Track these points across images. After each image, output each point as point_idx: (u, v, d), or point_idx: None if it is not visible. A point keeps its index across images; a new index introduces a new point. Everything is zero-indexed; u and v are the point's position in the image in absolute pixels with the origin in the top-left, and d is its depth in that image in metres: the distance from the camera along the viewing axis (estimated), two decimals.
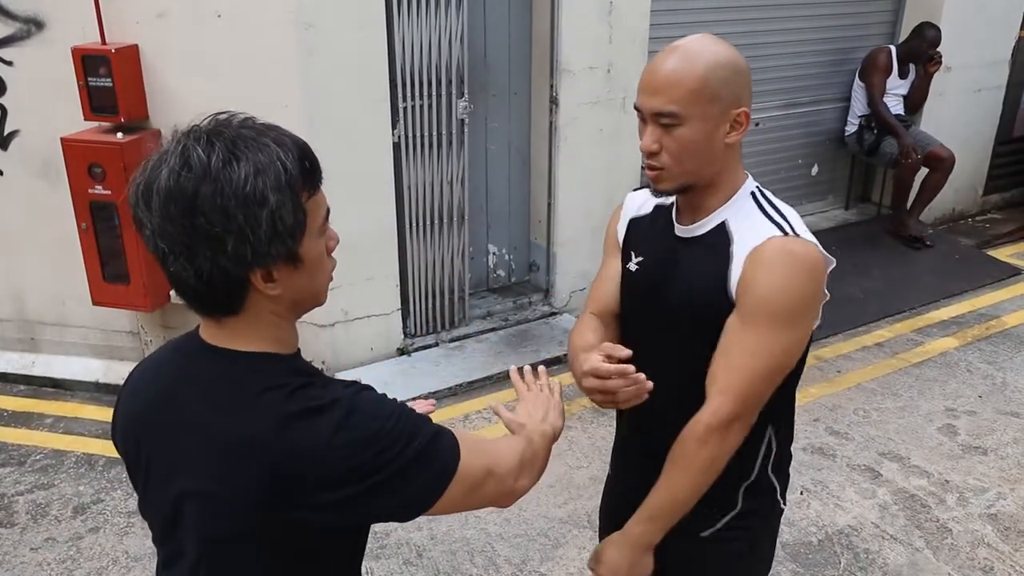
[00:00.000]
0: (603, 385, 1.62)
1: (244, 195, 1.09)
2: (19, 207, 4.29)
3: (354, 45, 3.99)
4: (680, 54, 1.56)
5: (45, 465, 3.85)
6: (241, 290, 1.17)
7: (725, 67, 1.56)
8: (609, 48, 4.78)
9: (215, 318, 1.22)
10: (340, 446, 1.15)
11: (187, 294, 1.18)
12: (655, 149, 1.58)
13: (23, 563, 3.26)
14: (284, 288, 1.19)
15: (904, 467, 3.89)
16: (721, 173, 1.64)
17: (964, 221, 7.02)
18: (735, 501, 1.76)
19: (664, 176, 1.61)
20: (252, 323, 1.21)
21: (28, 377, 4.53)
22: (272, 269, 1.16)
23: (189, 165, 1.10)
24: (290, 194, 1.13)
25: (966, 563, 3.30)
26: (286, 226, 1.13)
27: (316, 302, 1.29)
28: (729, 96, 1.57)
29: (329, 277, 1.29)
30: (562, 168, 4.88)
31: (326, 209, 1.23)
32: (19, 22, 3.99)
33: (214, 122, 1.16)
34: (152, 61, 3.95)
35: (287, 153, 1.14)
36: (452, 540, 3.39)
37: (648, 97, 1.57)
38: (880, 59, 6.01)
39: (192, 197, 1.09)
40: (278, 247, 1.14)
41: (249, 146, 1.12)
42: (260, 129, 1.17)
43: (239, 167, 1.10)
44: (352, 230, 4.14)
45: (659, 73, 1.56)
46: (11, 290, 4.51)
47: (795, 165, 6.48)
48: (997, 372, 4.73)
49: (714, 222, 1.65)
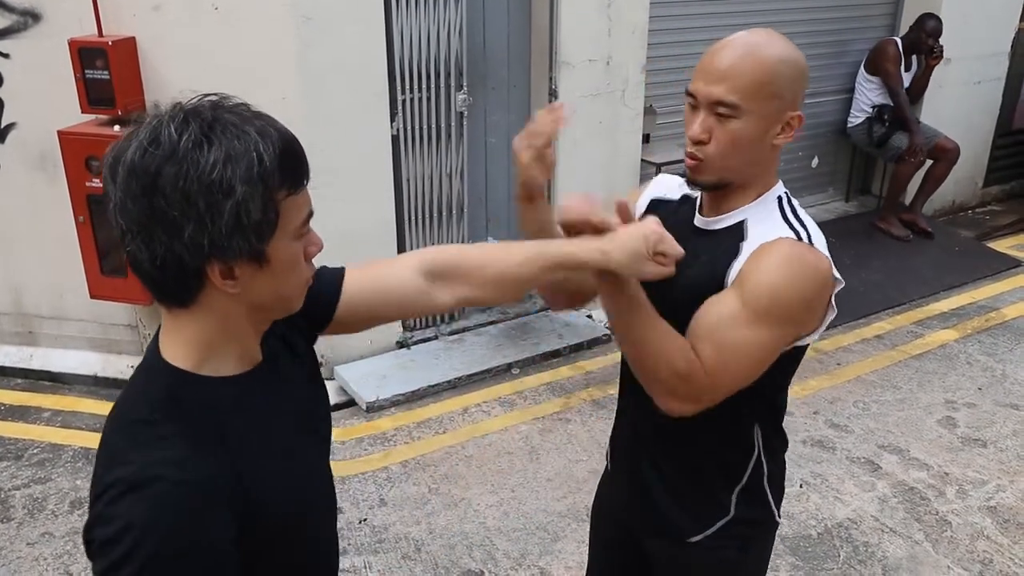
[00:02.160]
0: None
1: (209, 181, 1.02)
2: (16, 200, 4.27)
3: (352, 38, 3.97)
4: (747, 44, 1.50)
5: (42, 459, 3.85)
6: (195, 281, 1.09)
7: (791, 66, 1.51)
8: (608, 41, 4.76)
9: (167, 307, 1.14)
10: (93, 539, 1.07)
11: (142, 276, 1.11)
12: (704, 139, 1.52)
13: (19, 558, 3.26)
14: (245, 288, 1.11)
15: (904, 460, 3.89)
16: (758, 174, 1.59)
17: (964, 213, 7.02)
18: (728, 507, 1.72)
19: (705, 168, 1.55)
20: (198, 321, 1.14)
21: (26, 371, 4.52)
22: (233, 265, 1.08)
23: (158, 141, 1.04)
24: (261, 188, 1.05)
25: (965, 556, 3.30)
26: (251, 221, 1.05)
27: (284, 309, 1.21)
28: (789, 97, 1.52)
29: (305, 283, 1.20)
30: (561, 162, 4.86)
31: (308, 212, 1.16)
32: (16, 14, 3.97)
33: (200, 101, 1.09)
34: (149, 54, 3.93)
35: (267, 145, 1.07)
36: (451, 534, 3.38)
37: (708, 83, 1.50)
38: (890, 50, 5.98)
39: (154, 175, 1.03)
40: (240, 242, 1.06)
41: (227, 131, 1.05)
42: (246, 116, 1.09)
43: (209, 151, 1.03)
44: (351, 223, 4.13)
45: (724, 60, 1.49)
46: (9, 283, 4.49)
47: (795, 157, 6.46)
48: (997, 364, 4.73)
49: (734, 219, 1.60)
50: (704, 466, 1.72)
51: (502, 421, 4.14)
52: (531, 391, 4.41)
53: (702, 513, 1.73)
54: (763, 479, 1.73)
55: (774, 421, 1.74)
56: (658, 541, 1.80)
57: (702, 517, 1.73)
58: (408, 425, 4.08)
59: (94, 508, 1.08)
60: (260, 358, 1.24)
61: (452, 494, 3.62)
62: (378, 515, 3.47)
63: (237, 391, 1.18)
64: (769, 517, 1.77)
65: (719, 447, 1.70)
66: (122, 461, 1.08)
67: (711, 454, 1.71)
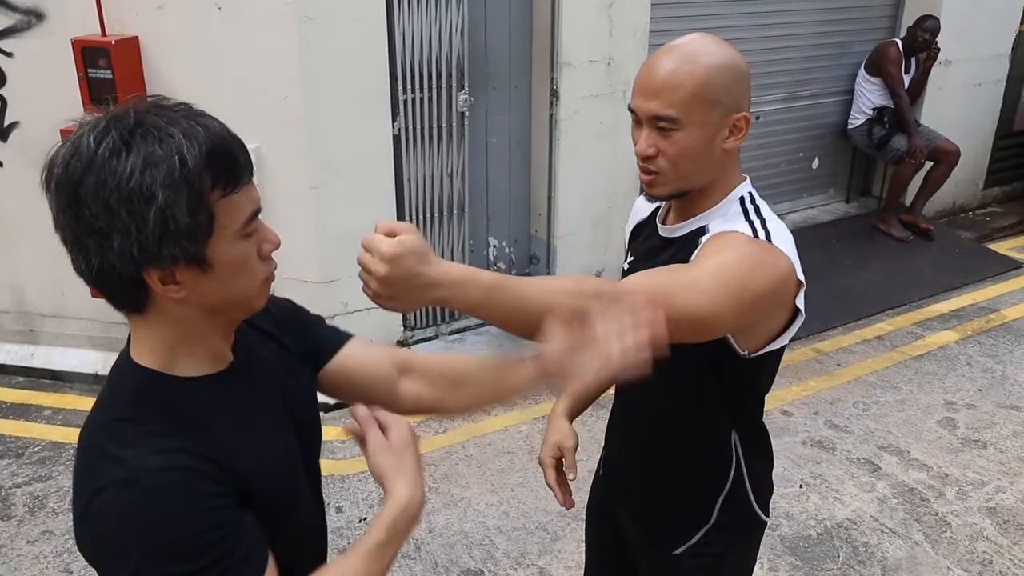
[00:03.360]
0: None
1: (127, 190, 1.00)
2: (19, 198, 4.28)
3: (354, 37, 3.98)
4: (680, 55, 1.48)
5: (43, 457, 3.85)
6: (136, 289, 1.08)
7: (727, 71, 1.49)
8: (610, 42, 4.77)
9: (125, 315, 1.14)
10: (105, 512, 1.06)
11: (88, 284, 1.10)
12: (651, 153, 1.51)
13: (20, 556, 3.26)
14: (191, 292, 1.08)
15: (903, 460, 3.89)
16: (716, 179, 1.57)
17: (964, 215, 7.02)
18: (710, 514, 1.71)
19: (659, 181, 1.54)
20: (156, 326, 1.13)
21: (27, 369, 4.52)
22: (172, 271, 1.06)
23: (78, 152, 1.02)
24: (186, 192, 1.02)
25: (965, 556, 3.30)
26: (181, 226, 1.02)
27: (243, 309, 1.19)
28: (730, 101, 1.50)
29: (264, 281, 1.17)
30: (562, 161, 4.87)
31: (252, 210, 1.12)
32: (19, 13, 3.98)
33: (129, 105, 1.07)
34: (152, 53, 3.94)
35: (192, 146, 1.03)
36: (450, 533, 3.39)
37: (645, 99, 1.49)
38: (892, 52, 5.98)
39: (76, 186, 1.01)
40: (171, 248, 1.03)
41: (148, 136, 1.02)
42: (173, 118, 1.05)
43: (127, 158, 1.00)
44: (351, 222, 4.13)
45: (657, 74, 1.48)
46: (10, 281, 4.50)
47: (796, 159, 6.46)
48: (997, 365, 4.73)
49: (696, 225, 1.59)
50: (685, 478, 1.73)
51: (502, 420, 4.15)
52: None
53: (685, 524, 1.73)
54: (744, 485, 1.72)
55: (751, 425, 1.73)
56: (643, 551, 1.82)
57: (685, 528, 1.73)
58: None
59: (89, 508, 1.07)
60: (231, 358, 1.22)
61: (452, 493, 3.62)
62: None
63: (210, 390, 1.17)
64: (752, 520, 1.77)
65: (698, 459, 1.70)
66: (113, 460, 1.07)
67: (690, 466, 1.71)
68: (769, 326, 1.54)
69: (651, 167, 1.53)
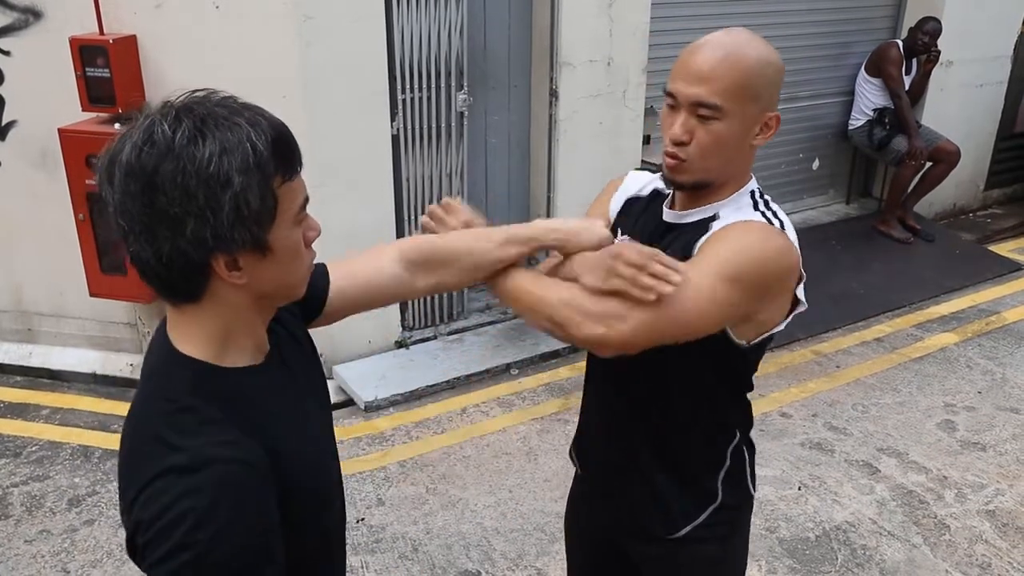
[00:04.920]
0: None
1: (207, 175, 1.03)
2: (17, 198, 4.27)
3: (353, 37, 3.97)
4: (728, 45, 1.49)
5: (41, 457, 3.84)
6: (202, 276, 1.10)
7: (772, 68, 1.51)
8: (609, 41, 4.76)
9: (175, 304, 1.16)
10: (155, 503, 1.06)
11: (148, 276, 1.12)
12: (685, 140, 1.51)
13: (17, 555, 3.25)
14: (251, 278, 1.12)
15: (902, 463, 3.88)
16: (735, 174, 1.59)
17: (965, 216, 7.01)
18: (715, 493, 1.71)
19: (686, 168, 1.53)
20: (208, 314, 1.15)
21: (25, 368, 4.52)
22: (237, 256, 1.09)
23: (152, 140, 1.04)
24: (258, 177, 1.07)
25: (964, 560, 3.29)
26: (251, 211, 1.07)
27: (290, 295, 1.23)
28: (768, 98, 1.52)
29: (308, 269, 1.23)
30: (562, 161, 4.86)
31: (304, 198, 1.18)
32: (17, 12, 3.97)
33: (189, 98, 1.10)
34: (150, 52, 3.93)
35: (259, 134, 1.07)
36: (448, 534, 3.38)
37: (688, 84, 1.49)
38: (893, 53, 5.97)
39: (152, 174, 1.03)
40: (242, 233, 1.07)
41: (219, 124, 1.06)
42: (235, 108, 1.10)
43: (204, 145, 1.04)
44: (350, 222, 4.13)
45: (706, 61, 1.47)
46: (9, 281, 4.50)
47: (796, 159, 6.46)
48: (997, 368, 4.72)
49: (706, 213, 1.60)
50: (688, 455, 1.71)
51: (500, 422, 4.14)
52: (530, 392, 4.41)
53: (689, 504, 1.71)
54: (744, 460, 1.74)
55: (745, 406, 1.76)
56: (642, 544, 1.79)
57: (689, 508, 1.72)
58: (406, 425, 4.07)
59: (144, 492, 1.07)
60: (268, 347, 1.26)
61: (450, 494, 3.61)
62: (376, 515, 3.47)
63: (259, 380, 1.21)
64: (747, 497, 1.79)
65: (701, 434, 1.70)
66: (173, 448, 1.08)
67: (694, 441, 1.70)
68: (769, 316, 1.56)
69: (681, 153, 1.52)
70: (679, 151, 1.52)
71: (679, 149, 1.52)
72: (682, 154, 1.52)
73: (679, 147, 1.52)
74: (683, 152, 1.52)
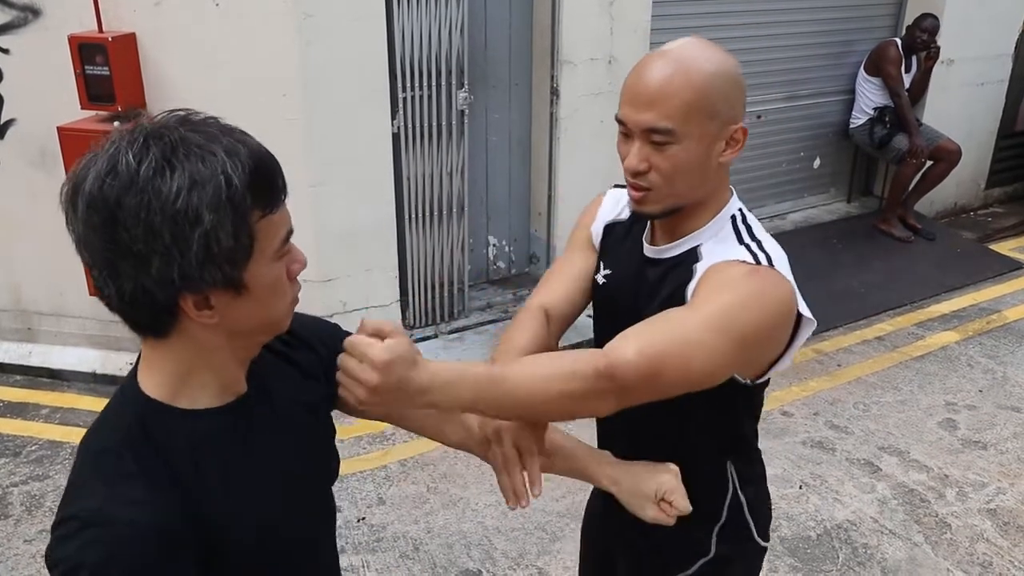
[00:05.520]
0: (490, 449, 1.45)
1: (174, 211, 0.95)
2: (16, 196, 4.26)
3: (353, 35, 3.96)
4: (674, 62, 1.37)
5: (40, 456, 3.84)
6: (168, 315, 1.03)
7: (724, 79, 1.38)
8: (610, 40, 4.75)
9: (143, 337, 1.09)
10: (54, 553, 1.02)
11: (112, 310, 1.05)
12: (643, 169, 1.40)
13: (16, 555, 3.25)
14: (224, 317, 1.04)
15: (903, 461, 3.87)
16: (709, 194, 1.47)
17: (966, 215, 7.00)
18: (708, 547, 1.63)
19: (651, 198, 1.44)
20: (174, 351, 1.08)
21: (25, 367, 4.51)
22: (208, 295, 1.01)
23: (115, 171, 0.96)
24: (231, 214, 0.97)
25: (965, 558, 3.29)
26: (224, 249, 0.98)
27: (271, 331, 1.14)
28: (727, 111, 1.39)
29: (291, 303, 1.13)
30: (562, 160, 4.85)
31: (287, 231, 1.07)
32: (16, 9, 3.96)
33: (163, 120, 1.01)
34: (150, 50, 3.92)
35: (236, 165, 0.98)
36: (449, 533, 3.38)
37: (636, 110, 1.38)
38: (891, 51, 5.96)
39: (115, 207, 0.95)
40: (213, 272, 0.98)
41: (190, 154, 0.96)
42: (212, 134, 1.00)
43: (172, 178, 0.95)
44: (350, 221, 4.12)
45: (650, 83, 1.36)
46: (8, 280, 4.49)
47: (797, 158, 6.45)
48: (998, 366, 4.71)
49: (687, 246, 1.49)
50: None
51: None
52: None
53: (680, 554, 1.66)
54: (743, 513, 1.65)
55: (747, 453, 1.67)
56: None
57: (681, 558, 1.66)
58: None
59: (54, 534, 1.03)
60: (244, 389, 1.17)
61: (451, 493, 3.61)
62: (376, 514, 3.47)
63: (212, 426, 1.12)
64: (752, 548, 1.70)
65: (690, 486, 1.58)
66: (86, 491, 1.04)
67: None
68: (770, 354, 1.47)
69: (642, 183, 1.43)
70: (640, 181, 1.43)
71: (639, 179, 1.43)
72: (644, 183, 1.42)
73: (638, 177, 1.42)
74: (644, 181, 1.42)
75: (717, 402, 1.49)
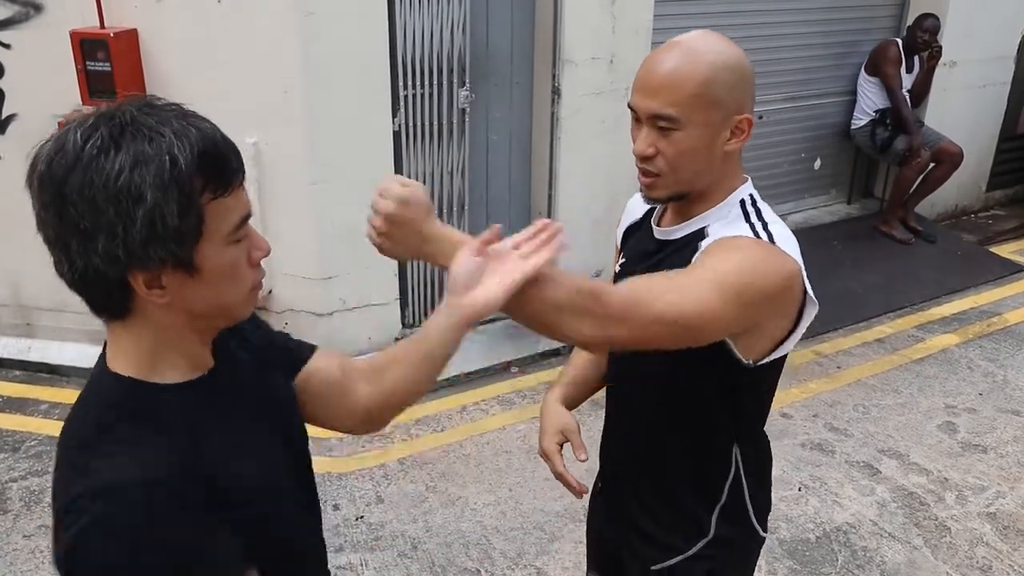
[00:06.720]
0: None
1: (115, 188, 0.97)
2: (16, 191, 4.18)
3: (355, 33, 3.96)
4: (682, 52, 1.44)
5: (40, 451, 3.83)
6: (121, 293, 1.05)
7: (731, 70, 1.45)
8: (612, 39, 4.75)
9: (104, 320, 1.11)
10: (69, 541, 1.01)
11: (70, 288, 1.08)
12: (650, 153, 1.47)
13: (16, 550, 3.25)
14: (176, 297, 1.06)
15: (903, 464, 3.87)
16: (716, 181, 1.53)
17: (967, 217, 6.99)
18: (707, 528, 1.66)
19: (659, 183, 1.50)
20: (136, 332, 1.10)
21: (24, 362, 4.51)
22: (158, 274, 1.03)
23: (63, 150, 1.00)
24: (176, 193, 0.99)
25: (964, 562, 3.28)
26: (168, 228, 1.00)
27: (227, 317, 1.16)
28: (732, 102, 1.45)
29: (252, 289, 1.14)
30: (563, 159, 4.85)
31: (242, 215, 1.09)
32: (18, 5, 3.96)
33: (119, 104, 1.04)
34: (151, 46, 3.92)
35: (184, 145, 1.00)
36: (447, 533, 3.37)
37: (645, 97, 1.45)
38: (891, 52, 5.95)
39: (60, 184, 1.00)
40: (158, 250, 1.00)
41: (138, 134, 0.99)
42: (164, 117, 1.02)
43: (116, 156, 0.98)
44: (351, 218, 4.11)
45: (658, 72, 1.43)
46: (8, 275, 4.48)
47: (798, 159, 6.44)
48: (998, 370, 4.71)
49: (694, 227, 1.55)
50: (679, 486, 1.68)
51: (500, 420, 4.13)
52: (530, 390, 4.39)
53: (680, 535, 1.68)
54: (744, 497, 1.67)
55: (755, 439, 1.69)
56: (637, 563, 1.77)
57: (680, 539, 1.68)
58: (406, 423, 4.06)
59: (62, 522, 1.03)
60: (211, 363, 1.19)
61: (449, 492, 3.60)
62: (375, 512, 3.46)
63: (188, 397, 1.14)
64: (751, 535, 1.72)
65: (695, 466, 1.66)
66: (83, 472, 1.04)
67: (687, 473, 1.67)
68: (772, 332, 1.50)
69: (650, 168, 1.49)
70: (648, 166, 1.49)
71: (647, 164, 1.49)
72: (652, 168, 1.49)
73: (646, 162, 1.49)
74: (652, 166, 1.49)
75: (721, 382, 1.53)
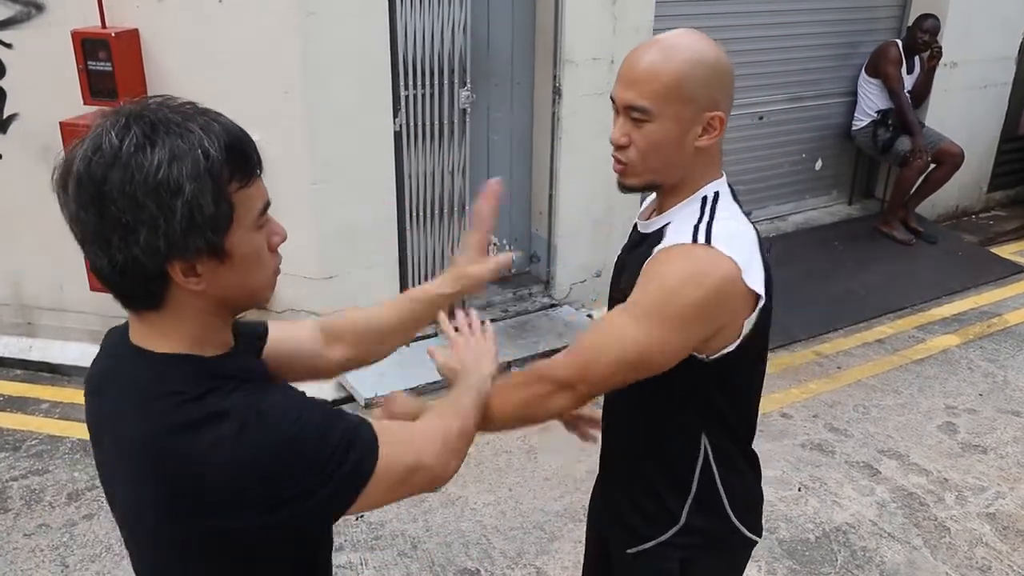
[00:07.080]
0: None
1: (156, 182, 1.03)
2: (18, 191, 4.27)
3: (356, 33, 3.96)
4: (660, 48, 1.49)
5: (40, 451, 3.84)
6: (159, 283, 1.11)
7: (705, 67, 1.48)
8: (613, 39, 4.75)
9: (137, 312, 1.16)
10: (229, 462, 1.08)
11: (107, 284, 1.12)
12: (623, 143, 1.54)
13: (16, 549, 3.25)
14: (209, 284, 1.12)
15: (903, 465, 3.87)
16: (689, 176, 1.56)
17: (968, 218, 7.00)
18: (678, 516, 1.68)
19: (629, 171, 1.58)
20: (173, 320, 1.15)
21: (25, 362, 4.52)
22: (194, 263, 1.09)
23: (100, 149, 1.04)
24: (211, 183, 1.06)
25: (964, 562, 3.28)
26: (205, 217, 1.06)
27: (254, 300, 1.22)
28: (705, 98, 1.48)
29: (273, 273, 1.22)
30: (564, 159, 4.85)
31: (264, 203, 1.17)
32: (19, 4, 3.96)
33: (142, 104, 1.09)
34: (152, 46, 3.92)
35: (212, 140, 1.07)
36: (447, 532, 3.38)
37: (622, 88, 1.53)
38: (891, 52, 5.96)
39: (101, 183, 1.03)
40: (196, 239, 1.07)
41: (170, 131, 1.06)
42: (189, 114, 1.09)
43: (153, 152, 1.04)
44: (352, 218, 4.12)
45: (636, 65, 1.50)
46: (9, 274, 4.49)
47: (799, 159, 6.45)
48: (998, 370, 4.71)
49: (661, 223, 1.59)
50: (652, 476, 1.70)
51: None
52: None
53: (655, 523, 1.71)
54: (716, 489, 1.67)
55: (727, 432, 1.68)
56: (619, 550, 1.80)
57: (655, 527, 1.71)
58: None
59: (204, 465, 1.09)
60: (232, 343, 1.26)
61: (449, 492, 3.61)
62: (375, 512, 3.47)
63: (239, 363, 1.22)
64: (729, 530, 1.71)
65: (664, 457, 1.68)
66: (214, 417, 1.10)
67: (657, 464, 1.69)
68: (727, 331, 1.51)
69: (622, 157, 1.57)
70: (620, 155, 1.57)
71: (620, 153, 1.56)
72: (623, 157, 1.56)
73: (620, 151, 1.56)
74: (624, 156, 1.56)
75: (684, 377, 1.55)
